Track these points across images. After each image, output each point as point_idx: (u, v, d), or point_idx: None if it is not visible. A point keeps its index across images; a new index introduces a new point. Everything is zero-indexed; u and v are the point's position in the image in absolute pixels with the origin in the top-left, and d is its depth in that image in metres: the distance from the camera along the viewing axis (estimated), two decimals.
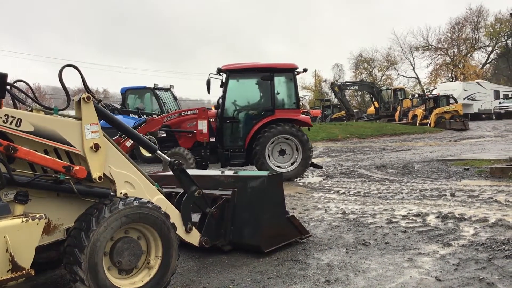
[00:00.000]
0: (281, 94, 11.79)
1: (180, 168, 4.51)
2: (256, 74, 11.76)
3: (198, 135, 11.48)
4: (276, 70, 11.74)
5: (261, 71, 11.65)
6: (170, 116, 11.67)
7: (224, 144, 11.61)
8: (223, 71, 11.54)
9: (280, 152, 11.44)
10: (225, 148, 11.56)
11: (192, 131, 11.52)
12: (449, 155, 14.37)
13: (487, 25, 62.97)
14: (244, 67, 11.87)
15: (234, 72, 11.70)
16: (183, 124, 11.61)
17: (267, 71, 11.59)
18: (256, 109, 11.78)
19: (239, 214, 4.99)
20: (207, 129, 11.51)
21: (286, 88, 11.93)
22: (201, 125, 11.49)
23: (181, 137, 11.62)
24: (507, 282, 3.82)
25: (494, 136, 22.80)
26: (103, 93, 77.34)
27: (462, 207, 6.90)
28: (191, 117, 11.62)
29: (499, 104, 43.54)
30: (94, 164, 3.69)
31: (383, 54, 66.29)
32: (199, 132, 11.48)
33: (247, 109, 11.87)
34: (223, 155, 11.53)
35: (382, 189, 9.10)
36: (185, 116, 11.68)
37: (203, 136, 11.49)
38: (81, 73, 3.93)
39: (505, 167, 9.75)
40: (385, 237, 5.48)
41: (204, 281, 4.31)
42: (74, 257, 3.38)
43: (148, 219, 3.74)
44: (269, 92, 11.58)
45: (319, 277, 4.21)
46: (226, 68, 11.61)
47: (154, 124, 11.23)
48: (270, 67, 11.75)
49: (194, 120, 11.59)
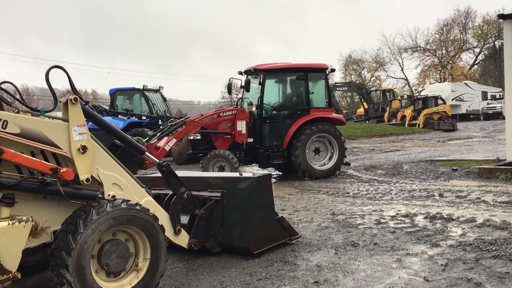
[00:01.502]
0: (314, 94, 11.95)
1: (168, 169, 4.48)
2: (291, 74, 11.93)
3: (237, 136, 11.30)
4: (309, 70, 11.93)
5: (296, 71, 11.82)
6: (209, 118, 11.29)
7: (264, 145, 11.57)
8: (259, 71, 11.49)
9: (315, 151, 11.64)
10: (265, 149, 11.52)
11: (231, 132, 11.36)
12: (437, 156, 14.46)
13: (475, 26, 63.48)
14: (279, 66, 12.01)
15: (271, 72, 11.75)
16: (219, 126, 11.40)
17: (301, 71, 11.77)
18: (292, 109, 11.93)
19: (228, 216, 4.98)
20: (246, 130, 11.41)
21: (318, 87, 12.10)
22: (240, 126, 11.31)
23: (218, 139, 11.40)
24: (494, 282, 3.84)
25: (482, 137, 22.98)
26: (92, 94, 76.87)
27: (450, 207, 6.95)
28: (228, 117, 11.42)
29: (487, 105, 43.86)
30: (81, 166, 3.67)
31: (372, 55, 66.57)
32: (238, 133, 11.30)
33: (284, 109, 11.99)
34: (264, 155, 11.45)
35: (371, 189, 9.14)
36: (223, 117, 11.44)
37: (242, 137, 11.33)
38: (68, 74, 3.90)
39: (492, 168, 9.83)
40: (373, 237, 5.50)
41: (193, 283, 4.30)
42: (61, 260, 3.35)
43: (136, 221, 3.72)
44: (304, 91, 11.76)
45: (308, 278, 4.22)
46: (263, 68, 11.61)
47: (193, 126, 10.88)
48: (303, 66, 11.98)
49: (230, 121, 11.41)
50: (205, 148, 11.15)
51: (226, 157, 10.72)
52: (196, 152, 11.07)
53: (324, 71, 12.16)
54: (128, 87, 19.92)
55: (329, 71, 12.47)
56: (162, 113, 19.23)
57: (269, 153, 11.43)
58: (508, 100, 10.40)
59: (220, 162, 10.73)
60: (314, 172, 11.39)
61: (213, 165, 10.63)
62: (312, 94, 11.80)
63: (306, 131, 11.33)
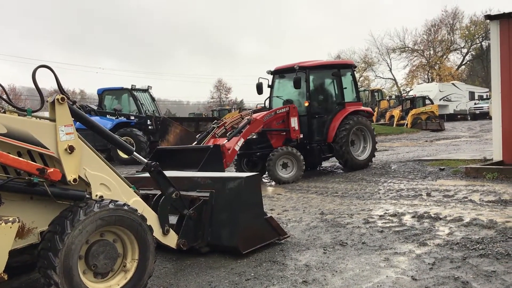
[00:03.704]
0: (346, 89, 12.62)
1: (157, 169, 4.47)
2: (326, 71, 12.63)
3: (292, 133, 11.45)
4: (341, 66, 12.83)
5: (330, 68, 12.64)
6: (268, 116, 11.23)
7: (313, 139, 11.95)
8: (301, 69, 11.78)
9: (351, 143, 12.20)
10: (319, 144, 11.97)
11: (286, 129, 11.52)
12: (425, 156, 14.56)
13: (462, 27, 64.05)
14: (317, 64, 12.62)
15: (313, 69, 12.20)
16: (273, 124, 11.46)
17: (335, 68, 12.59)
18: (331, 104, 12.56)
19: (217, 216, 4.98)
20: (298, 126, 11.60)
21: (347, 82, 12.75)
22: (293, 122, 11.50)
23: (273, 136, 11.50)
24: (481, 280, 3.88)
25: (469, 137, 23.16)
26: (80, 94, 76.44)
27: (437, 206, 7.00)
28: (282, 115, 11.52)
29: (474, 105, 44.24)
30: (68, 166, 3.64)
31: (361, 55, 66.92)
32: (293, 129, 11.47)
33: (325, 104, 12.55)
34: (316, 149, 11.88)
35: (359, 189, 9.18)
36: (279, 114, 11.50)
37: (296, 133, 11.52)
38: (55, 74, 3.87)
39: (479, 167, 9.91)
40: (362, 237, 5.52)
41: (182, 283, 4.29)
42: (48, 261, 3.33)
43: (124, 222, 3.71)
44: (339, 87, 12.48)
45: (297, 278, 4.23)
46: (306, 65, 12.00)
47: (257, 125, 10.84)
48: (336, 63, 13.05)
49: (282, 118, 11.53)
50: (262, 147, 11.32)
51: (294, 154, 10.98)
52: (253, 151, 11.24)
53: (351, 67, 13.15)
54: (117, 87, 19.79)
55: (354, 67, 13.41)
56: (150, 113, 19.13)
57: (320, 147, 11.95)
58: (495, 100, 10.49)
59: (283, 159, 10.92)
60: (356, 163, 12.20)
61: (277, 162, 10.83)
62: (344, 89, 12.47)
63: (346, 125, 11.96)
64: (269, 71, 12.88)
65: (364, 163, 12.49)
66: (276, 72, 12.83)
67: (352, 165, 12.15)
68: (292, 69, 12.09)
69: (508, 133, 10.12)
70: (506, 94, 10.12)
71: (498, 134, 10.30)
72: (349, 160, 12.06)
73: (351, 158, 12.06)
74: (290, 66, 12.30)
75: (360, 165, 12.35)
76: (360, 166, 12.34)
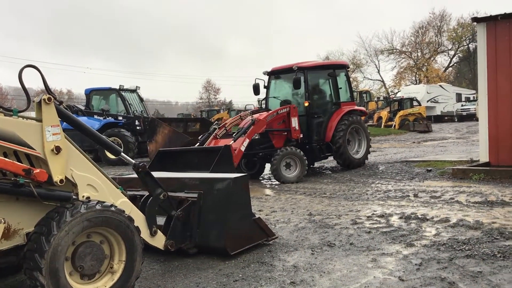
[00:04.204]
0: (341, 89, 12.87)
1: (144, 170, 4.44)
2: (322, 71, 12.84)
3: (293, 133, 11.53)
4: (336, 67, 13.04)
5: (326, 68, 12.87)
6: (270, 116, 11.27)
7: (313, 139, 12.05)
8: (300, 69, 11.88)
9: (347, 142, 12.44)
10: (318, 143, 12.08)
11: (287, 129, 11.57)
12: (412, 157, 14.65)
13: (449, 29, 64.57)
14: (314, 64, 12.80)
15: (310, 70, 12.31)
16: (274, 124, 11.49)
17: (330, 68, 12.82)
18: (328, 104, 12.76)
19: (205, 217, 4.96)
20: (299, 126, 11.67)
21: (341, 83, 12.97)
22: (294, 122, 11.58)
23: (274, 136, 11.55)
24: (467, 281, 3.90)
25: (456, 138, 23.36)
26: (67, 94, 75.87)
27: (424, 207, 7.04)
28: (283, 115, 11.55)
29: (461, 106, 44.65)
30: (55, 167, 3.61)
31: (349, 57, 67.18)
32: (293, 129, 11.55)
33: (322, 104, 12.68)
34: (316, 149, 11.99)
35: (347, 190, 9.21)
36: (280, 114, 11.53)
37: (296, 133, 11.60)
38: (41, 73, 3.84)
39: (466, 168, 10.00)
40: (349, 238, 5.54)
41: (169, 285, 4.27)
42: (34, 263, 3.29)
43: (111, 223, 3.68)
44: (334, 87, 12.69)
45: (285, 279, 4.23)
46: (303, 65, 12.12)
47: (261, 125, 10.90)
48: (331, 64, 13.09)
49: (283, 118, 11.57)
50: (264, 147, 11.36)
51: (297, 154, 11.04)
52: (255, 152, 11.24)
53: (345, 68, 13.43)
54: (104, 87, 19.66)
55: (348, 67, 13.66)
56: (139, 113, 19.03)
57: (320, 147, 12.09)
58: (481, 102, 10.59)
59: (287, 159, 10.96)
60: (353, 162, 12.47)
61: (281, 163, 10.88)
62: (340, 89, 12.68)
63: (343, 124, 12.19)
64: (265, 71, 13.00)
65: (360, 161, 12.80)
66: (272, 73, 12.93)
67: (349, 164, 12.42)
68: (288, 70, 12.26)
69: (495, 134, 10.23)
70: (493, 96, 10.22)
71: (485, 135, 10.40)
72: (347, 159, 12.30)
73: (349, 157, 12.33)
74: (287, 67, 12.43)
75: (357, 164, 12.64)
76: (357, 164, 12.66)
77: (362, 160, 12.95)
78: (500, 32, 10.06)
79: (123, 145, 17.01)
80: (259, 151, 11.30)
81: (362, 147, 13.00)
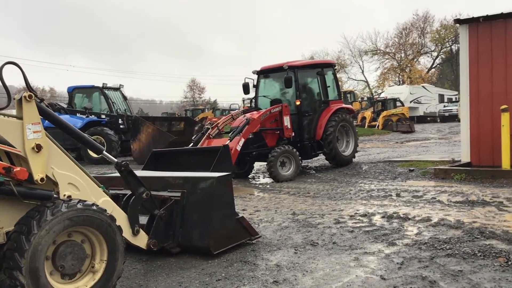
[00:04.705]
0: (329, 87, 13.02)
1: (127, 169, 4.41)
2: (311, 70, 12.89)
3: (285, 131, 11.61)
4: (324, 66, 13.20)
5: (314, 67, 12.95)
6: (264, 115, 11.31)
7: (304, 137, 12.15)
8: (290, 68, 11.93)
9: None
10: (308, 141, 12.18)
11: (280, 127, 11.62)
12: (395, 157, 14.77)
13: (432, 30, 65.23)
14: (304, 63, 12.91)
15: (301, 69, 12.38)
16: (267, 123, 11.50)
17: (319, 67, 12.94)
18: (317, 102, 12.86)
19: (188, 216, 4.94)
20: (291, 124, 11.74)
21: (329, 81, 13.12)
22: (286, 121, 11.65)
23: (268, 135, 11.56)
24: (448, 280, 3.94)
25: (438, 138, 23.60)
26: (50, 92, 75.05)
27: (406, 207, 7.10)
28: (275, 114, 11.60)
29: (443, 107, 45.10)
30: (35, 165, 3.56)
31: (334, 57, 67.45)
32: (286, 128, 11.61)
33: (311, 103, 12.77)
34: (308, 147, 12.09)
35: (331, 189, 9.25)
36: (273, 113, 11.57)
37: (288, 132, 11.69)
38: (22, 71, 3.79)
39: (448, 168, 10.11)
40: (332, 237, 5.56)
41: (151, 284, 4.25)
42: (14, 262, 3.25)
43: (93, 222, 3.64)
44: (323, 86, 12.84)
45: (268, 278, 4.23)
46: (293, 64, 12.23)
47: (255, 124, 10.92)
48: (319, 62, 13.40)
49: (275, 117, 11.61)
50: (257, 146, 11.39)
51: (292, 152, 11.15)
52: (249, 151, 11.24)
53: (333, 66, 13.63)
54: (87, 85, 19.45)
55: (335, 66, 13.83)
56: (122, 112, 18.89)
57: (311, 145, 12.21)
58: (463, 103, 10.72)
59: (282, 158, 11.02)
60: (343, 159, 12.70)
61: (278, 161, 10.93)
62: (328, 88, 12.82)
63: (332, 121, 12.37)
64: (254, 71, 13.08)
65: (349, 158, 13.06)
66: (262, 72, 13.00)
67: (339, 161, 12.67)
68: (277, 69, 12.37)
69: (476, 135, 10.36)
70: (474, 97, 10.35)
71: (466, 136, 10.53)
72: (337, 156, 12.49)
73: (338, 155, 12.54)
74: (276, 66, 12.53)
75: (346, 161, 12.93)
76: (346, 161, 12.89)
77: (351, 158, 13.18)
78: (482, 33, 10.19)
79: (106, 143, 16.86)
80: (252, 150, 11.32)
81: (351, 144, 13.23)
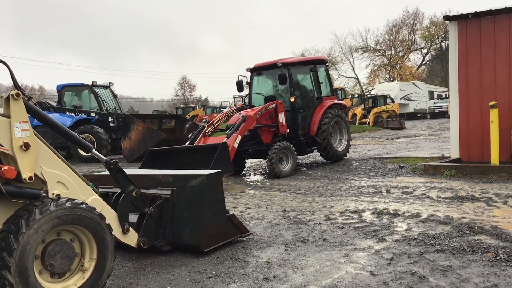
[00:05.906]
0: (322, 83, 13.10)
1: (117, 167, 4.39)
2: (304, 66, 12.90)
3: (280, 128, 11.64)
4: (316, 62, 13.18)
5: (307, 64, 12.93)
6: (259, 112, 11.31)
7: (298, 133, 12.22)
8: (284, 65, 11.99)
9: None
10: (303, 137, 12.26)
11: (275, 124, 11.65)
12: (385, 153, 14.83)
13: (422, 27, 65.58)
14: (297, 60, 12.91)
15: (294, 65, 12.42)
16: (262, 119, 11.49)
17: (311, 63, 12.92)
18: (311, 98, 12.90)
19: (179, 214, 4.93)
20: (285, 121, 11.77)
21: (322, 77, 13.20)
22: (281, 117, 11.68)
23: (263, 132, 11.56)
24: (437, 275, 3.97)
25: (428, 135, 23.73)
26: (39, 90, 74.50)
27: (396, 203, 7.14)
28: (271, 110, 11.61)
29: (433, 104, 45.39)
30: (24, 163, 3.54)
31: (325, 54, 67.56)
32: (281, 124, 11.65)
33: (306, 99, 12.79)
34: (303, 143, 12.16)
35: (321, 186, 9.27)
36: (268, 110, 11.58)
37: (284, 129, 11.73)
38: (10, 68, 3.76)
39: (437, 165, 10.17)
40: (323, 233, 5.58)
41: (142, 282, 4.24)
42: (2, 261, 3.23)
43: (82, 221, 3.63)
44: (316, 82, 12.94)
45: (258, 275, 4.23)
46: (287, 61, 12.27)
47: (251, 121, 10.94)
48: (312, 59, 13.49)
49: (270, 114, 11.62)
50: (253, 143, 11.40)
51: (290, 149, 11.27)
52: (245, 148, 11.26)
53: (325, 63, 13.69)
54: (77, 83, 19.31)
55: (327, 62, 13.94)
56: (112, 110, 18.79)
57: (306, 141, 12.28)
58: (453, 100, 10.78)
59: (280, 154, 11.08)
60: (336, 155, 12.84)
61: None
62: (321, 84, 12.90)
63: (326, 117, 12.50)
64: (248, 68, 13.10)
65: (343, 153, 13.24)
66: (255, 69, 13.02)
67: (333, 156, 12.84)
68: (271, 66, 12.43)
69: (465, 131, 10.42)
70: (464, 94, 10.41)
71: (456, 132, 10.59)
72: (331, 152, 12.62)
73: (333, 150, 12.70)
74: (269, 63, 12.56)
75: (340, 156, 13.10)
76: (340, 157, 13.04)
77: (344, 153, 13.34)
78: (471, 30, 10.25)
79: (96, 142, 16.76)
80: (249, 147, 11.36)
81: (344, 140, 13.38)
